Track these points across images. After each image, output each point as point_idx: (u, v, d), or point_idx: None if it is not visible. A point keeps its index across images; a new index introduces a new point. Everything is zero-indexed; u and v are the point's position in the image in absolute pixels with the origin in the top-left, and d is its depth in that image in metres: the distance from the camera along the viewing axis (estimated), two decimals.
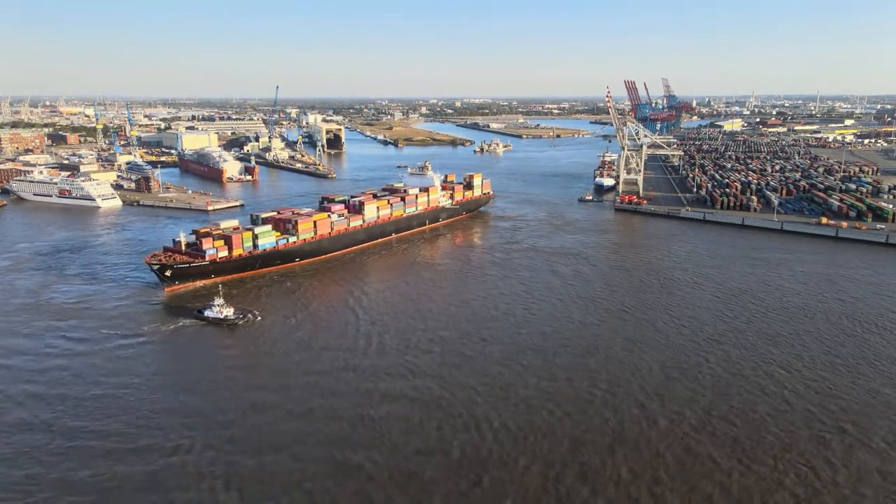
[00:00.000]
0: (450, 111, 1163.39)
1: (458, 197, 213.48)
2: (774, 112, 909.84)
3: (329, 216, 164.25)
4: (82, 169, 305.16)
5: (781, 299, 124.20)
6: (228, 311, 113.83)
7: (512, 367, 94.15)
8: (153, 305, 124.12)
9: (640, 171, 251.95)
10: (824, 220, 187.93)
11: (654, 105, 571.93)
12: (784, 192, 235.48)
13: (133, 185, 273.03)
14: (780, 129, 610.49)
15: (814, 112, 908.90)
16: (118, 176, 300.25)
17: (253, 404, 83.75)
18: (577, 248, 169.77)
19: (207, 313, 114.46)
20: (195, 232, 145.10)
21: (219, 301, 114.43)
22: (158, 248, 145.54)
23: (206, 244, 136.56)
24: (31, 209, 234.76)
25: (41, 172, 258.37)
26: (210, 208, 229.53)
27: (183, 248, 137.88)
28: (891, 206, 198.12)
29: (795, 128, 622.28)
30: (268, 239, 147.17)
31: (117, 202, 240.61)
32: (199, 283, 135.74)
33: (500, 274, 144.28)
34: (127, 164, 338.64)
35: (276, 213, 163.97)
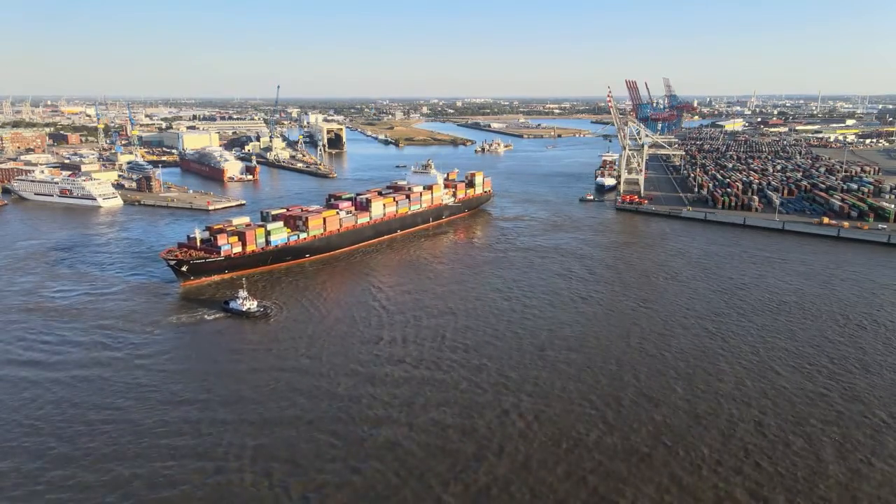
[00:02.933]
0: (451, 111, 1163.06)
1: (461, 195, 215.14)
2: (776, 112, 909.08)
3: (338, 213, 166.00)
4: (83, 168, 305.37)
5: (782, 299, 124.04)
6: (252, 304, 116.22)
7: (529, 363, 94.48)
8: (173, 300, 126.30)
9: (641, 170, 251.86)
10: (826, 220, 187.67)
11: (655, 105, 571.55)
12: (785, 191, 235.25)
13: (134, 185, 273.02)
14: (782, 129, 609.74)
15: (815, 112, 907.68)
16: (119, 175, 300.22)
17: (290, 401, 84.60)
18: (578, 247, 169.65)
19: (232, 305, 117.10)
20: (209, 228, 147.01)
21: (243, 294, 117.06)
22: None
23: (221, 240, 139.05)
24: (33, 209, 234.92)
25: (42, 172, 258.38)
26: (211, 208, 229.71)
27: (198, 243, 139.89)
28: (892, 206, 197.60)
29: (797, 128, 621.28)
30: (280, 235, 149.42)
31: (118, 202, 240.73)
32: (214, 279, 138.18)
33: (503, 272, 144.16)
34: (128, 163, 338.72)
35: (285, 210, 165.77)
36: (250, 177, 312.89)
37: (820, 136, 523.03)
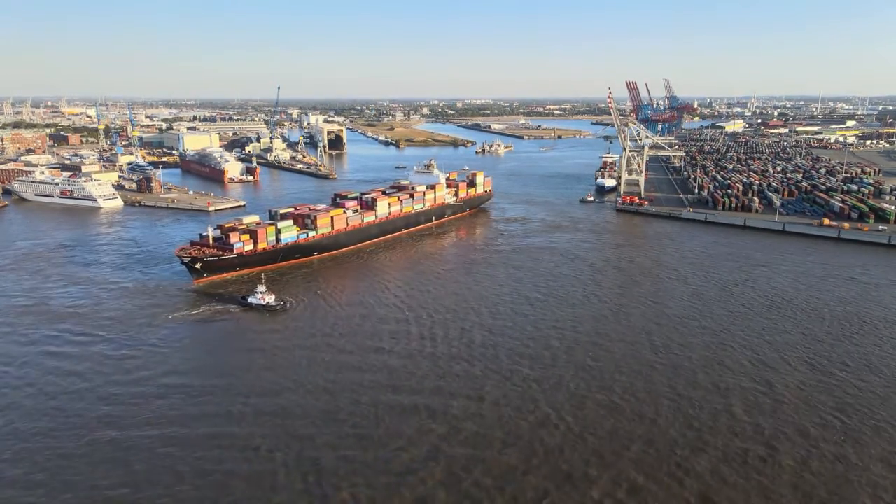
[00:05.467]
0: (451, 112, 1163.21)
1: (462, 194, 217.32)
2: (776, 113, 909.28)
3: (345, 212, 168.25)
4: (84, 169, 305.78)
5: (782, 300, 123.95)
6: (270, 298, 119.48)
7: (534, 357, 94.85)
8: (188, 297, 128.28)
9: (641, 171, 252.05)
10: (826, 221, 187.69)
11: (655, 106, 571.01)
12: (786, 193, 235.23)
13: (134, 186, 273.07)
14: (782, 130, 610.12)
15: (815, 113, 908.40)
16: (120, 176, 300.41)
17: (305, 392, 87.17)
18: (578, 247, 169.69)
19: (251, 300, 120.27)
20: (220, 227, 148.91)
21: (261, 288, 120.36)
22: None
23: (234, 238, 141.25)
24: (33, 209, 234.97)
25: (43, 173, 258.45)
26: (211, 209, 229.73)
27: (210, 241, 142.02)
28: (893, 207, 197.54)
29: (797, 129, 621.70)
30: (290, 233, 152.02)
31: (119, 202, 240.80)
32: (225, 276, 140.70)
33: (503, 271, 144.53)
34: (128, 164, 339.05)
35: (294, 208, 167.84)
36: (251, 178, 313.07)
37: (820, 137, 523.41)
